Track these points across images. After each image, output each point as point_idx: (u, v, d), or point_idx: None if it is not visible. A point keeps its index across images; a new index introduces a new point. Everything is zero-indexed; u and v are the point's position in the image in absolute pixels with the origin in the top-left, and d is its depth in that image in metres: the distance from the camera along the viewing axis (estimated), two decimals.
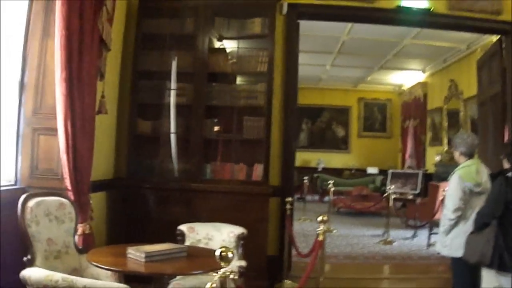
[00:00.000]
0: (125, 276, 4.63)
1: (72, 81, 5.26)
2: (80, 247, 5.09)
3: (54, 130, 5.37)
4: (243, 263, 5.12)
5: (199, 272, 4.22)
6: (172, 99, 7.21)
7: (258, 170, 6.99)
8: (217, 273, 3.05)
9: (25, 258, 4.48)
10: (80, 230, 5.32)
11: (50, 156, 5.66)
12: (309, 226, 12.10)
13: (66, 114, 5.27)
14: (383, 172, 17.99)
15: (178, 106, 7.20)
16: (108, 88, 6.42)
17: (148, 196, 6.92)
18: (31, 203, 4.67)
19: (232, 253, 3.08)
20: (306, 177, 15.78)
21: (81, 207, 5.37)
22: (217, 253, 3.06)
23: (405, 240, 11.00)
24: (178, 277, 5.00)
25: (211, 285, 3.03)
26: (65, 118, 5.27)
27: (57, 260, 4.73)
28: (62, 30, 5.18)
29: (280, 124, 7.29)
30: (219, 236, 5.56)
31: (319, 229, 5.13)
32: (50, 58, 5.48)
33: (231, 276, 3.06)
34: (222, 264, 3.06)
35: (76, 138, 5.34)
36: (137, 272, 4.19)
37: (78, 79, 5.33)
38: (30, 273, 3.25)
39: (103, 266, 4.10)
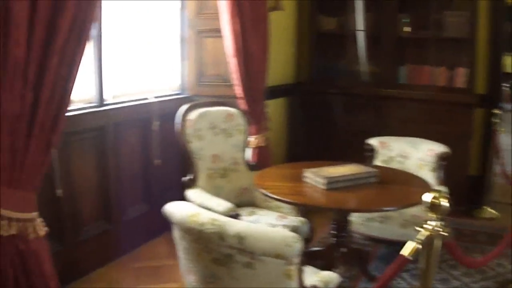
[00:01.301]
0: None
1: None
2: (253, 163, 4.29)
3: (221, 31, 4.50)
4: (443, 189, 3.91)
5: (392, 208, 3.18)
6: None
7: (461, 75, 5.54)
8: (422, 228, 1.96)
9: (185, 178, 3.85)
10: (253, 143, 4.51)
11: (218, 60, 4.81)
12: (508, 139, 10.33)
13: (233, 12, 4.37)
14: None
15: None
16: None
17: (332, 103, 5.86)
18: (193, 115, 3.95)
19: (448, 200, 1.96)
20: (506, 84, 13.57)
21: (254, 117, 4.56)
22: (426, 199, 1.96)
23: None
24: None
25: (415, 245, 1.95)
26: (232, 16, 4.39)
27: (223, 179, 4.02)
28: None
29: (487, 20, 5.62)
30: (415, 153, 4.37)
31: None
32: None
33: (442, 233, 1.95)
34: (431, 215, 1.95)
35: (247, 39, 4.47)
36: (314, 206, 3.23)
37: None
38: (173, 209, 2.43)
39: (272, 195, 3.18)
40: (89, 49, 3.89)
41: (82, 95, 3.92)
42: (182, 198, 3.66)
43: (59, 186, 3.61)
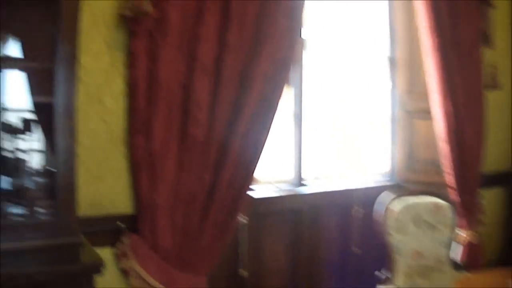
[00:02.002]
0: None
1: (446, 51, 4.00)
2: (460, 263, 3.84)
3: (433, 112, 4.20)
4: None
5: None
6: None
7: None
8: None
9: (381, 273, 3.60)
10: (462, 239, 4.07)
11: (429, 144, 4.43)
12: None
13: (442, 91, 4.06)
14: None
15: None
16: (499, 56, 4.73)
17: None
18: (397, 206, 3.67)
19: None
20: None
21: (466, 209, 4.12)
22: None
23: None
24: None
25: None
26: (441, 96, 4.08)
27: (423, 279, 3.64)
28: None
29: None
30: None
31: None
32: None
33: None
34: None
35: (459, 121, 4.10)
36: None
37: (454, 47, 4.06)
38: None
39: None
40: (287, 127, 3.90)
41: (277, 175, 3.91)
42: None
43: (244, 266, 3.56)
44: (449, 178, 4.15)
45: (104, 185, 2.91)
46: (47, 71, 2.41)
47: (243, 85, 2.84)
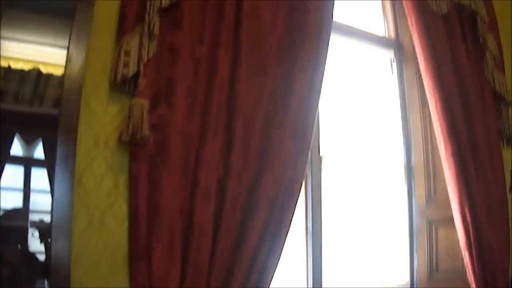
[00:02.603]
0: None
1: (462, 156, 3.87)
2: None
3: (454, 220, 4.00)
4: None
5: None
6: None
7: None
8: None
9: None
10: None
11: (452, 253, 4.23)
12: None
13: (460, 199, 3.87)
14: None
15: None
16: None
17: None
18: None
19: None
20: None
21: None
22: None
23: None
24: None
25: None
26: (460, 204, 3.88)
27: None
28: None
29: None
30: None
31: None
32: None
33: None
34: None
35: (480, 229, 3.88)
36: None
37: (472, 151, 3.93)
38: None
39: None
40: (300, 243, 3.76)
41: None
42: None
43: None
44: (473, 286, 3.91)
45: None
46: None
47: (248, 209, 2.75)
